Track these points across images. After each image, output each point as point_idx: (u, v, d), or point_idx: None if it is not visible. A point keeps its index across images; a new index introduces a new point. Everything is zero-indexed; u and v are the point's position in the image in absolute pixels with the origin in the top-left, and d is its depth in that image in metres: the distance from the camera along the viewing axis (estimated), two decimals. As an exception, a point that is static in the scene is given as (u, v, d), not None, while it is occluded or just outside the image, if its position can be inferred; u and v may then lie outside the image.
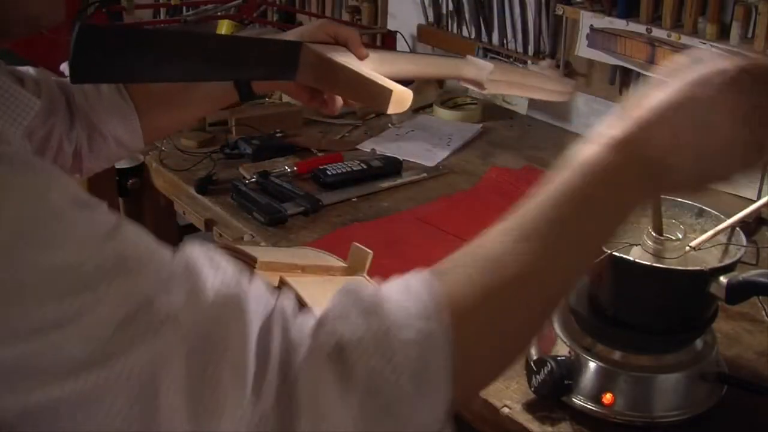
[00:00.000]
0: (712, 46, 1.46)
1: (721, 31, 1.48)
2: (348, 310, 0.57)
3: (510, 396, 0.99)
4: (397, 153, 1.68)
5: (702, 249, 0.96)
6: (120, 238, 0.55)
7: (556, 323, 1.00)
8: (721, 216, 0.98)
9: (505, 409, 0.97)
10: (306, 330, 0.57)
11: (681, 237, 0.93)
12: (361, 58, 1.02)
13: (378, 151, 1.69)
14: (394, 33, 2.13)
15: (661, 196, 0.92)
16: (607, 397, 0.93)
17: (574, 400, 0.95)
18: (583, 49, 1.68)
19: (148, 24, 2.41)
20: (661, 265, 0.91)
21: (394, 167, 1.61)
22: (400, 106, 0.93)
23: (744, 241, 0.94)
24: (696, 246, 0.94)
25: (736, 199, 1.42)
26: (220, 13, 2.26)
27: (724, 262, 0.93)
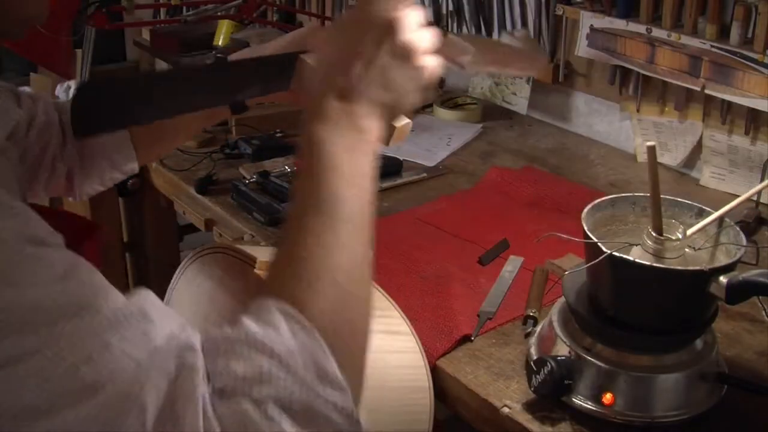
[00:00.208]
0: (712, 47, 1.46)
1: (721, 31, 1.48)
2: (221, 352, 0.60)
3: (510, 396, 0.99)
4: (397, 153, 1.68)
5: (702, 249, 0.97)
6: (76, 278, 0.56)
7: (556, 323, 1.00)
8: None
9: (505, 409, 0.97)
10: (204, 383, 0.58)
11: (681, 237, 0.93)
12: None
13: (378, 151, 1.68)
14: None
15: (660, 197, 0.92)
16: (607, 397, 0.93)
17: (574, 400, 0.95)
18: (583, 49, 1.68)
19: (147, 24, 2.41)
20: (661, 265, 0.91)
21: (394, 167, 1.61)
22: (401, 140, 0.98)
23: (744, 241, 0.94)
24: (690, 235, 0.94)
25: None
26: (220, 13, 2.26)
27: (724, 262, 0.93)
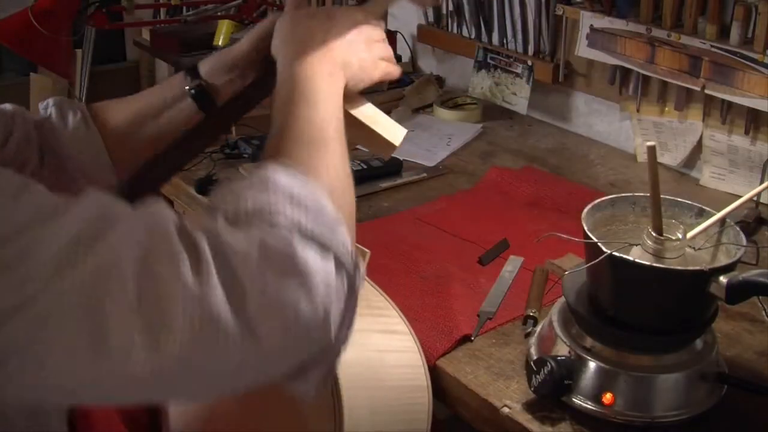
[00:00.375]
0: (712, 47, 1.46)
1: (721, 31, 1.48)
2: (226, 192, 0.69)
3: (510, 396, 0.99)
4: (397, 153, 1.66)
5: (702, 249, 0.97)
6: (33, 190, 0.60)
7: (556, 323, 1.00)
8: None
9: (505, 409, 0.97)
10: (206, 219, 0.66)
11: (681, 237, 0.93)
12: None
13: (378, 151, 1.69)
14: (395, 33, 2.13)
15: (660, 196, 0.92)
16: (607, 397, 0.93)
17: (574, 400, 0.95)
18: (583, 49, 1.68)
19: (147, 24, 2.41)
20: (661, 265, 0.91)
21: (394, 167, 1.61)
22: (390, 150, 1.02)
23: (744, 241, 0.94)
24: (691, 237, 0.94)
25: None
26: (220, 13, 2.26)
27: (724, 262, 0.93)
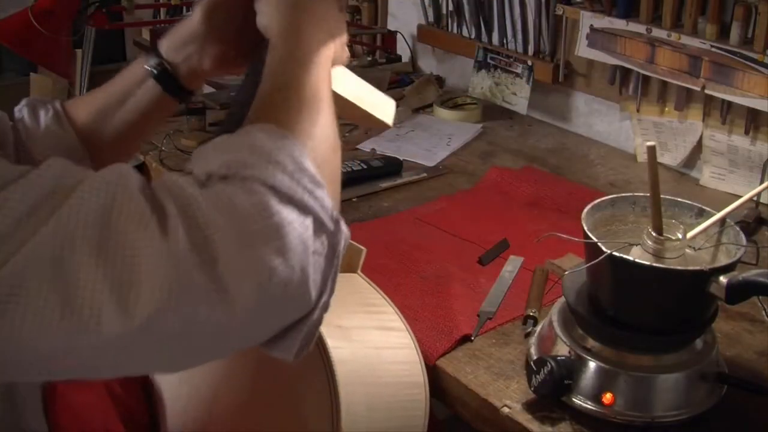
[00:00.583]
0: (712, 47, 1.46)
1: (721, 31, 1.48)
2: (205, 152, 0.67)
3: (510, 396, 0.99)
4: (397, 153, 1.68)
5: (702, 249, 0.97)
6: None
7: (556, 323, 1.00)
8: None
9: (505, 409, 0.97)
10: (177, 176, 0.64)
11: (681, 237, 0.93)
12: None
13: (378, 151, 1.69)
14: (394, 33, 2.14)
15: (660, 197, 0.92)
16: (607, 397, 0.93)
17: (574, 400, 0.95)
18: (583, 49, 1.68)
19: (147, 24, 2.40)
20: (661, 265, 0.91)
21: (394, 167, 1.61)
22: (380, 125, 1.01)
23: (744, 241, 0.94)
24: (691, 237, 0.94)
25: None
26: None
27: (724, 262, 0.93)
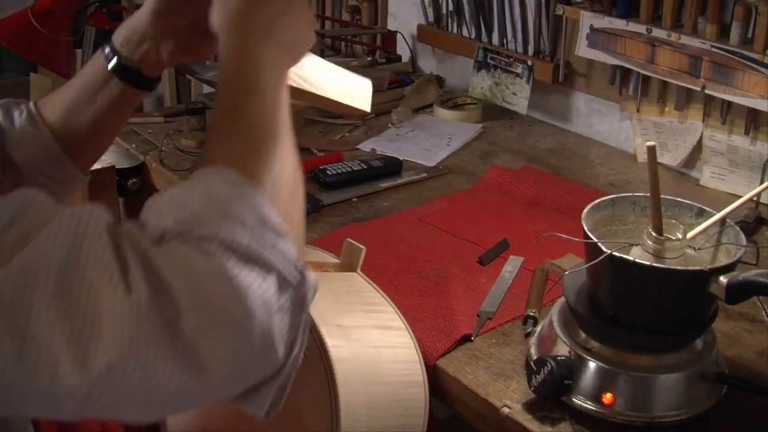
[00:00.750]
0: (712, 47, 1.46)
1: (721, 31, 1.48)
2: (159, 206, 0.65)
3: (510, 396, 0.99)
4: (397, 153, 1.68)
5: (702, 249, 0.97)
6: None
7: (556, 323, 1.00)
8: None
9: (505, 409, 0.97)
10: (135, 230, 0.63)
11: (681, 237, 0.93)
12: None
13: (378, 151, 1.69)
14: (394, 33, 2.14)
15: (661, 197, 0.92)
16: (607, 397, 0.93)
17: (574, 400, 0.95)
18: (583, 49, 1.68)
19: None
20: (661, 265, 0.91)
21: (394, 167, 1.61)
22: (356, 106, 0.98)
23: (744, 241, 0.94)
24: (691, 237, 0.94)
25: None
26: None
27: (724, 262, 0.93)
